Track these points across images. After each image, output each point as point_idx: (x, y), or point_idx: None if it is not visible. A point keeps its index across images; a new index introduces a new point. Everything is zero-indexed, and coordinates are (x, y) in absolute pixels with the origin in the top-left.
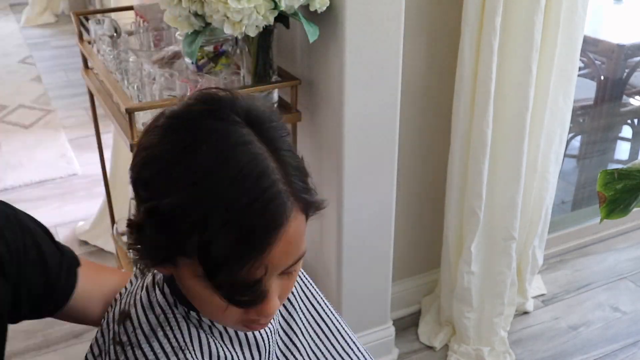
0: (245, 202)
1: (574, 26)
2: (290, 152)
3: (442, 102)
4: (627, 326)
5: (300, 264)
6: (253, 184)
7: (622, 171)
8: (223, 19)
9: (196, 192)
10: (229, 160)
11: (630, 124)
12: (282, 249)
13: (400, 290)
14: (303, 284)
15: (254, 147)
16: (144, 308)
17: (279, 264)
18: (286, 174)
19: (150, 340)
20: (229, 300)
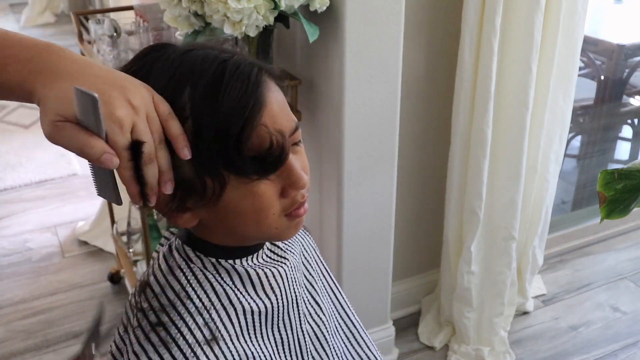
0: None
1: (574, 26)
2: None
3: (442, 102)
4: (627, 326)
5: (300, 135)
6: (221, 65)
7: (622, 171)
8: (223, 19)
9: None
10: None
11: (630, 124)
12: (272, 110)
13: (400, 290)
14: (316, 250)
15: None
16: (164, 274)
17: (280, 125)
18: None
19: (174, 304)
20: (261, 174)
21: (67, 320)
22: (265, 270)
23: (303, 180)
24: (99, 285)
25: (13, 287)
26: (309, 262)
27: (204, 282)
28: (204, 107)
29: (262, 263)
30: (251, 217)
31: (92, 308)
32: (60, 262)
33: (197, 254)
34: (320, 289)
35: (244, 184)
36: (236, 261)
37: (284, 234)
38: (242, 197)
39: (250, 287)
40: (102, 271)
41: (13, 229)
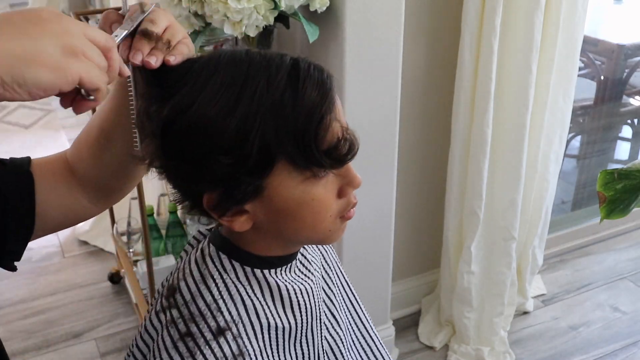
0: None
1: (574, 26)
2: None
3: (442, 102)
4: (627, 326)
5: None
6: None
7: (622, 171)
8: (223, 19)
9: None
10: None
11: (630, 124)
12: (339, 105)
13: (400, 290)
14: (337, 261)
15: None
16: (196, 281)
17: (343, 119)
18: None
19: (204, 315)
20: (334, 165)
21: (67, 320)
22: (294, 287)
23: (359, 178)
24: (99, 285)
25: (13, 287)
26: (329, 275)
27: (235, 295)
28: (283, 100)
29: (292, 277)
30: (309, 219)
31: (92, 308)
32: (60, 262)
33: (232, 262)
34: (339, 303)
35: (304, 185)
36: (271, 271)
37: (333, 236)
38: (302, 200)
39: (279, 303)
40: (102, 271)
41: None
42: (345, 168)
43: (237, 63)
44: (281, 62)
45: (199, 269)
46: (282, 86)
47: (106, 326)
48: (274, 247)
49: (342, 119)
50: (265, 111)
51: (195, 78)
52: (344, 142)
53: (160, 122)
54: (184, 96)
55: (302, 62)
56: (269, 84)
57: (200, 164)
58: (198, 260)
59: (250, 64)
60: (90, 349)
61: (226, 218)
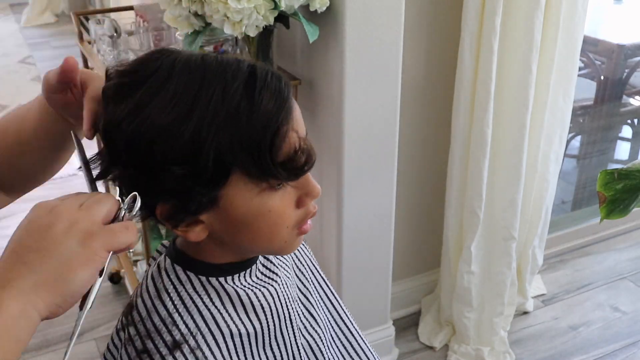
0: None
1: (574, 26)
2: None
3: (442, 102)
4: (627, 326)
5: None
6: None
7: (622, 171)
8: (223, 19)
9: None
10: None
11: (630, 124)
12: (297, 115)
13: (400, 290)
14: (312, 259)
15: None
16: (151, 297)
17: (301, 129)
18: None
19: (160, 330)
20: (290, 177)
21: (67, 320)
22: (256, 291)
23: (318, 188)
24: None
25: None
26: (302, 273)
27: (191, 307)
28: (239, 110)
29: (253, 282)
30: (265, 230)
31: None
32: None
33: (187, 273)
34: (316, 301)
35: (260, 196)
36: (228, 279)
37: (288, 248)
38: (258, 211)
39: (240, 309)
40: None
41: (13, 229)
42: (304, 178)
43: (191, 70)
44: (238, 70)
45: (155, 283)
46: (238, 95)
47: (106, 326)
48: (230, 255)
49: (301, 129)
50: (220, 121)
51: (150, 83)
52: (301, 153)
53: (112, 124)
54: (136, 99)
55: (260, 69)
56: (225, 92)
57: (152, 173)
58: (154, 275)
59: (205, 71)
60: (90, 349)
61: (181, 228)
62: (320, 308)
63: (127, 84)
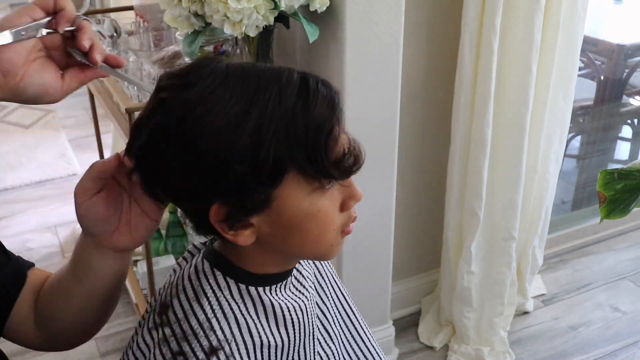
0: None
1: (574, 26)
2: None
3: (442, 102)
4: (627, 326)
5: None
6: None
7: (622, 171)
8: (223, 19)
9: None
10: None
11: (630, 124)
12: (344, 122)
13: (400, 290)
14: (333, 273)
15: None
16: (189, 299)
17: (349, 134)
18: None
19: (197, 334)
20: (341, 176)
21: None
22: (289, 305)
23: (360, 192)
24: None
25: None
26: (322, 288)
27: (229, 314)
28: (295, 112)
29: (288, 295)
30: (314, 231)
31: None
32: (60, 262)
33: (226, 279)
34: (333, 316)
35: (311, 197)
36: (266, 289)
37: (333, 251)
38: (309, 211)
39: (272, 321)
40: None
41: (13, 229)
42: (349, 182)
43: (245, 74)
44: (290, 76)
45: (193, 286)
46: (294, 98)
47: (106, 326)
48: (271, 263)
49: (348, 133)
50: (277, 121)
51: (205, 84)
52: (350, 154)
53: (170, 116)
54: (193, 99)
55: (311, 77)
56: (281, 94)
57: (207, 175)
58: (192, 277)
59: (259, 75)
60: (90, 349)
61: (232, 232)
62: (337, 324)
63: (180, 85)
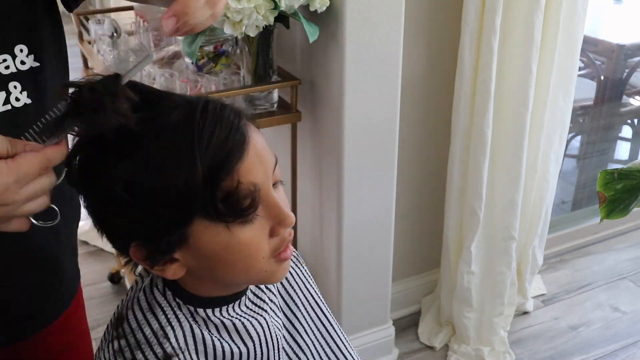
0: (218, 137)
1: (574, 26)
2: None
3: (442, 102)
4: (627, 326)
5: (279, 175)
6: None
7: (622, 171)
8: (223, 19)
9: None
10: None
11: (630, 124)
12: (253, 161)
13: (400, 290)
14: (307, 282)
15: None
16: (143, 310)
17: (263, 174)
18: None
19: (150, 342)
20: (238, 217)
21: None
22: (243, 321)
23: (291, 217)
24: (99, 285)
25: None
26: (291, 297)
27: (185, 324)
28: (179, 152)
29: (242, 312)
30: (239, 263)
31: (92, 308)
32: None
33: (176, 299)
34: (305, 325)
35: (227, 231)
36: (215, 311)
37: (273, 276)
38: (228, 245)
39: (226, 334)
40: (102, 271)
41: None
42: (274, 207)
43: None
44: (185, 108)
45: (147, 299)
46: (180, 138)
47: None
48: (214, 289)
49: (256, 169)
50: (170, 171)
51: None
52: (240, 195)
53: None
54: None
55: (211, 104)
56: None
57: (121, 218)
58: (146, 290)
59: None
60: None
61: (157, 268)
62: (310, 333)
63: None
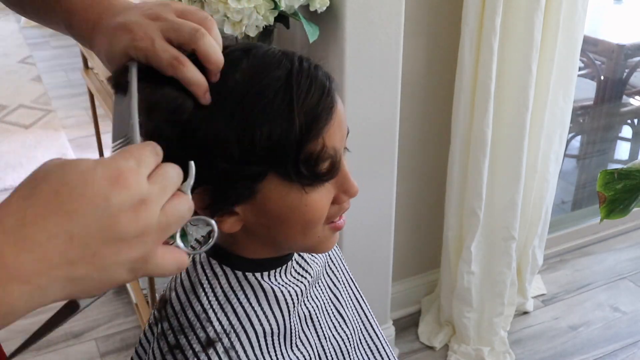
0: (307, 91)
1: (574, 26)
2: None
3: (442, 102)
4: (627, 326)
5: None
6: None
7: (622, 171)
8: (223, 19)
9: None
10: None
11: (630, 124)
12: (336, 126)
13: (400, 290)
14: (346, 268)
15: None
16: (186, 291)
17: (341, 141)
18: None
19: (194, 326)
20: (315, 181)
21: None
22: (290, 289)
23: (356, 187)
24: None
25: None
26: (334, 273)
27: (225, 304)
28: (278, 108)
29: (289, 279)
30: (299, 226)
31: (92, 308)
32: None
33: (223, 267)
34: (346, 301)
35: (299, 193)
36: (264, 275)
37: (323, 245)
38: (294, 205)
39: (275, 307)
40: None
41: None
42: (343, 176)
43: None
44: (282, 61)
45: (189, 277)
46: (281, 90)
47: (106, 326)
48: (264, 250)
49: (338, 133)
50: (261, 124)
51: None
52: (322, 160)
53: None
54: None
55: (305, 63)
56: (271, 81)
57: (200, 159)
58: (189, 269)
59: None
60: (90, 349)
61: (216, 218)
62: (350, 309)
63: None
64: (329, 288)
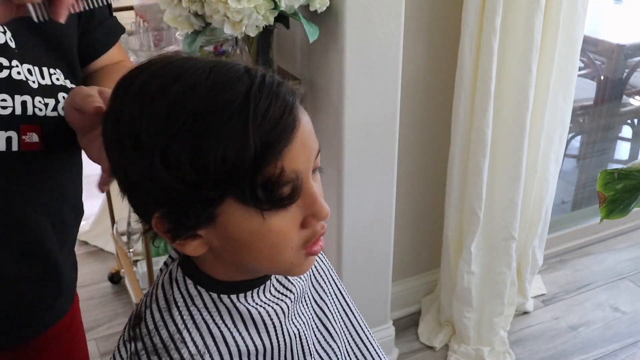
0: (262, 115)
1: (574, 26)
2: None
3: (442, 102)
4: (627, 326)
5: (319, 162)
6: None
7: (622, 171)
8: (223, 19)
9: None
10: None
11: (630, 124)
12: (299, 147)
13: (400, 290)
14: (334, 279)
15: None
16: (161, 310)
17: (306, 162)
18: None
19: (168, 347)
20: (275, 206)
21: None
22: (268, 309)
23: (326, 210)
24: (99, 285)
25: None
26: (320, 285)
27: (201, 324)
28: (233, 129)
29: (267, 298)
30: (265, 251)
31: (92, 308)
32: None
33: (198, 288)
34: (334, 313)
35: (259, 217)
36: (240, 297)
37: (297, 269)
38: (257, 231)
39: (252, 327)
40: (102, 271)
41: None
42: (310, 197)
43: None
44: (238, 81)
45: (165, 295)
46: (233, 114)
47: (106, 326)
48: (237, 273)
49: (301, 155)
50: (216, 146)
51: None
52: (282, 183)
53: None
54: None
55: (267, 79)
56: (222, 108)
57: (153, 183)
58: (165, 285)
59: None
60: (90, 349)
61: (178, 242)
62: (338, 321)
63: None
64: (314, 301)
